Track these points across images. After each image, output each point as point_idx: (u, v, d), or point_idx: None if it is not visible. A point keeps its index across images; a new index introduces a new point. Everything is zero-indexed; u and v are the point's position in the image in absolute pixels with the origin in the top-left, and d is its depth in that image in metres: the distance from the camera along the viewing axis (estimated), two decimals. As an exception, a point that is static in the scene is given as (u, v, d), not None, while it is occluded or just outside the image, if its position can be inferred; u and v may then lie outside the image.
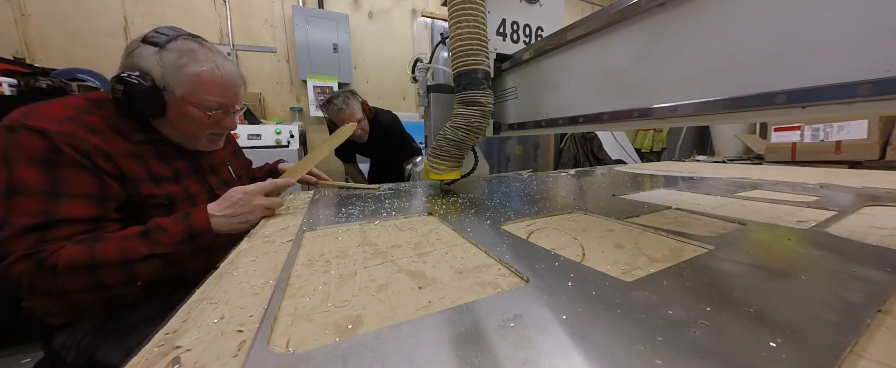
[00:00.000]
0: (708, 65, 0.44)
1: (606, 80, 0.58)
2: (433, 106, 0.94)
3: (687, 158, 3.32)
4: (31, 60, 1.97)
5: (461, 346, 0.24)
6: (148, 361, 0.24)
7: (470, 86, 0.73)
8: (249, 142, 1.91)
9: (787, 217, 0.60)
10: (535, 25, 0.96)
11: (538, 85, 0.75)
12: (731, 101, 0.42)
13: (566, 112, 0.67)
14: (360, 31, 2.93)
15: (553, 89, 0.70)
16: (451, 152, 0.80)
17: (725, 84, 0.43)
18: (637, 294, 0.31)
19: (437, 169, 0.83)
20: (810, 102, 0.36)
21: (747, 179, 1.11)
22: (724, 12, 0.42)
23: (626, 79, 0.55)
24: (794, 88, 0.37)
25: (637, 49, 0.52)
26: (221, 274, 0.40)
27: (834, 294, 0.30)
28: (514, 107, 0.82)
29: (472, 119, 0.75)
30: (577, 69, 0.64)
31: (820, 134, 2.17)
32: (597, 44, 0.59)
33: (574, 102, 0.65)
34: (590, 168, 1.92)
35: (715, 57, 0.44)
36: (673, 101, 0.49)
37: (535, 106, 0.76)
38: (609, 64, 0.57)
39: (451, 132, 0.78)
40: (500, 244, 0.46)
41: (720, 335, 0.25)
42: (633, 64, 0.53)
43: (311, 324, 0.28)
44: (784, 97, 0.37)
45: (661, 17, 0.49)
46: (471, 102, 0.74)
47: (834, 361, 0.22)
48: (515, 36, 0.93)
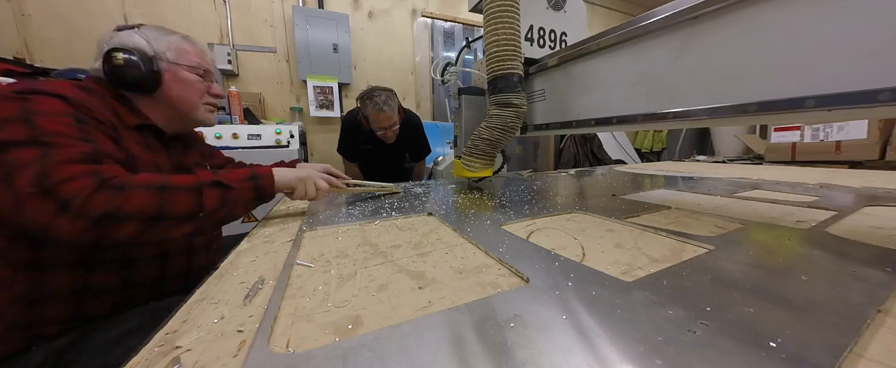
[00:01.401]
0: (740, 71, 0.48)
1: (640, 84, 0.61)
2: (464, 107, 0.98)
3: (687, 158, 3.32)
4: (31, 60, 1.96)
5: (461, 346, 0.24)
6: (148, 361, 0.24)
7: (506, 88, 0.77)
8: (249, 142, 1.91)
9: (787, 217, 0.60)
10: (560, 31, 1.00)
11: (567, 88, 0.78)
12: (764, 105, 0.45)
13: (598, 113, 0.70)
14: (360, 30, 2.93)
15: (584, 92, 0.74)
16: (486, 151, 0.84)
17: (758, 89, 0.46)
18: (637, 294, 0.31)
19: (472, 166, 0.87)
20: (836, 106, 0.39)
21: (747, 179, 1.11)
22: (753, 25, 0.46)
23: (659, 83, 0.58)
24: (821, 94, 0.41)
25: (671, 56, 0.55)
26: (221, 274, 0.40)
27: (834, 294, 0.30)
28: (541, 109, 0.86)
29: (507, 119, 0.79)
30: (610, 73, 0.67)
31: (820, 134, 2.17)
32: (630, 50, 0.62)
33: (606, 104, 0.68)
34: (590, 168, 1.92)
35: (747, 64, 0.47)
36: (706, 104, 0.52)
37: (564, 107, 0.80)
38: (643, 69, 0.60)
39: (487, 132, 0.82)
40: (500, 244, 0.46)
41: (720, 335, 0.25)
42: (665, 70, 0.57)
43: (311, 324, 0.28)
44: (813, 101, 0.41)
45: (695, 27, 0.52)
46: (506, 104, 0.78)
47: (834, 361, 0.22)
48: (542, 41, 0.97)
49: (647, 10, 0.57)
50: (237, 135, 1.89)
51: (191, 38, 0.75)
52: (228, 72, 2.39)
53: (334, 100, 2.73)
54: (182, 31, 0.74)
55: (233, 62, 2.35)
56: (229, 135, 1.87)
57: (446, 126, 2.97)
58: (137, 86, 0.67)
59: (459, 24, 3.30)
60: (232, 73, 2.45)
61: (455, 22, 3.27)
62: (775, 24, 0.44)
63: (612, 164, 2.86)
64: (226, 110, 2.14)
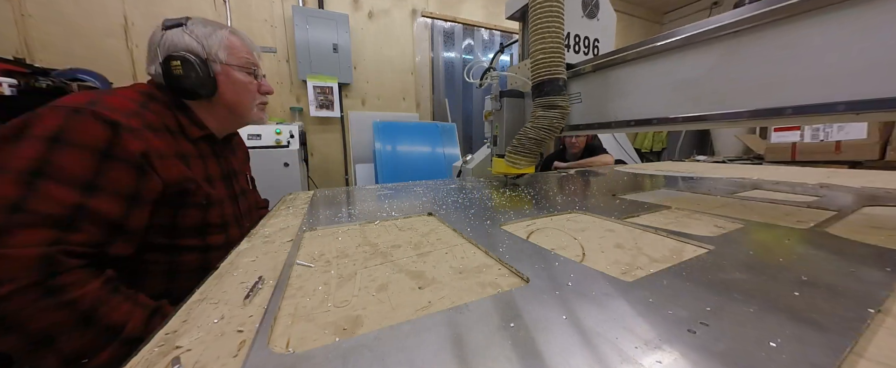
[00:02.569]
0: (776, 80, 0.53)
1: (681, 89, 0.67)
2: (506, 109, 1.06)
3: (687, 158, 3.32)
4: (31, 60, 1.96)
5: (461, 346, 0.24)
6: (148, 361, 0.24)
7: (552, 91, 0.83)
8: (250, 142, 1.91)
9: (787, 217, 0.60)
10: (593, 38, 1.07)
11: (604, 91, 0.83)
12: (799, 108, 0.51)
13: (638, 115, 0.77)
14: (360, 31, 2.93)
15: (622, 95, 0.79)
16: (532, 149, 0.91)
17: (794, 95, 0.52)
18: (637, 294, 0.31)
19: (518, 163, 0.93)
20: (864, 111, 0.45)
21: (747, 179, 1.11)
22: (788, 41, 0.51)
23: (700, 89, 0.64)
24: (851, 100, 0.46)
25: (713, 64, 0.61)
26: (221, 274, 0.40)
27: (833, 294, 0.30)
28: (577, 110, 0.93)
29: (553, 120, 0.86)
30: (650, 79, 0.73)
31: (820, 134, 2.17)
32: (672, 59, 0.68)
33: (646, 106, 0.75)
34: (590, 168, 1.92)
35: (784, 73, 0.52)
36: (745, 107, 0.57)
37: (601, 110, 0.86)
38: (685, 75, 0.66)
39: (534, 131, 0.88)
40: (500, 244, 0.46)
41: (720, 335, 0.25)
42: (706, 76, 0.62)
43: (311, 324, 0.28)
44: (843, 106, 0.46)
45: (736, 40, 0.57)
46: (553, 106, 0.85)
47: (834, 361, 0.22)
48: (577, 47, 1.04)
49: (662, 14, 0.62)
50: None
51: (236, 30, 0.73)
52: (228, 72, 2.38)
53: (334, 101, 2.73)
54: None
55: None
56: (229, 135, 1.87)
57: (447, 126, 2.97)
58: (195, 94, 0.66)
59: (459, 25, 3.30)
60: (232, 73, 2.45)
61: (455, 22, 3.27)
62: (809, 40, 0.49)
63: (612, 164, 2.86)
64: (226, 110, 2.14)
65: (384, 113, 3.10)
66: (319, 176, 2.91)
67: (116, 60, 2.19)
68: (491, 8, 3.46)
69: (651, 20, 4.65)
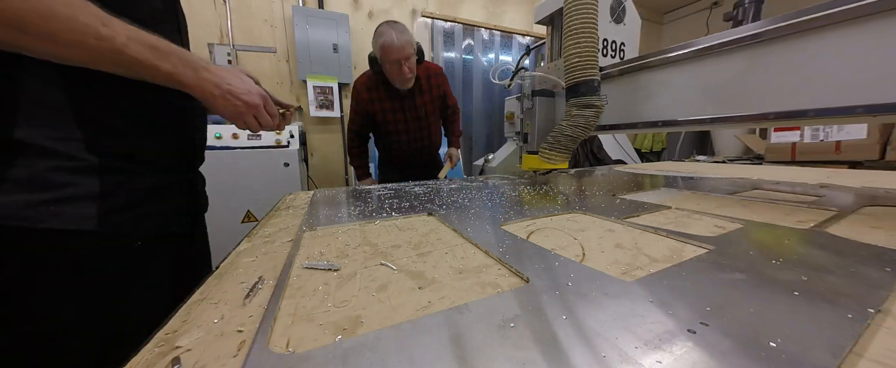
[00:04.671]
0: (799, 84, 0.59)
1: (708, 92, 0.73)
2: (538, 108, 1.12)
3: (687, 158, 3.32)
4: (31, 60, 1.96)
5: (461, 346, 0.24)
6: (148, 361, 0.24)
7: (588, 92, 0.88)
8: (249, 142, 1.91)
9: (787, 217, 0.60)
10: (620, 42, 1.12)
11: (632, 93, 0.91)
12: (821, 111, 0.56)
13: (665, 116, 0.83)
14: (360, 31, 2.93)
15: (649, 97, 0.87)
16: (567, 145, 0.96)
17: (815, 98, 0.57)
18: (637, 294, 0.31)
19: (553, 159, 0.99)
20: (880, 114, 0.50)
21: (747, 179, 1.11)
22: (810, 52, 0.57)
23: (726, 92, 0.69)
24: (868, 104, 0.52)
25: (738, 70, 0.67)
26: (221, 274, 0.40)
27: (834, 294, 0.30)
28: (606, 111, 0.97)
29: (589, 119, 0.90)
30: (678, 82, 0.80)
31: (820, 134, 2.17)
32: (699, 64, 0.74)
33: (673, 108, 0.82)
34: (590, 168, 1.92)
35: (806, 77, 0.58)
36: (770, 109, 0.63)
37: (629, 111, 0.93)
38: (711, 79, 0.72)
39: (570, 129, 0.93)
40: (500, 244, 0.46)
41: (720, 335, 0.25)
42: (734, 81, 0.68)
43: (311, 324, 0.28)
44: (861, 109, 0.52)
45: (760, 49, 0.63)
46: (588, 105, 0.89)
47: (834, 361, 0.22)
48: (605, 51, 1.09)
49: (662, 14, 0.69)
50: (237, 135, 1.89)
51: (393, 38, 1.34)
52: (228, 72, 2.38)
53: (334, 100, 2.73)
54: None
55: (233, 62, 2.35)
56: (229, 135, 1.87)
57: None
58: (378, 71, 1.50)
59: (459, 25, 3.29)
60: (232, 73, 2.45)
61: (455, 22, 3.26)
62: (829, 50, 0.55)
63: (612, 164, 2.86)
64: (226, 110, 2.14)
65: (384, 113, 3.10)
66: (319, 176, 2.91)
67: (116, 60, 2.19)
68: (491, 8, 3.46)
69: (652, 20, 4.64)
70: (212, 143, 1.82)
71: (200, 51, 2.35)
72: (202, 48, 2.35)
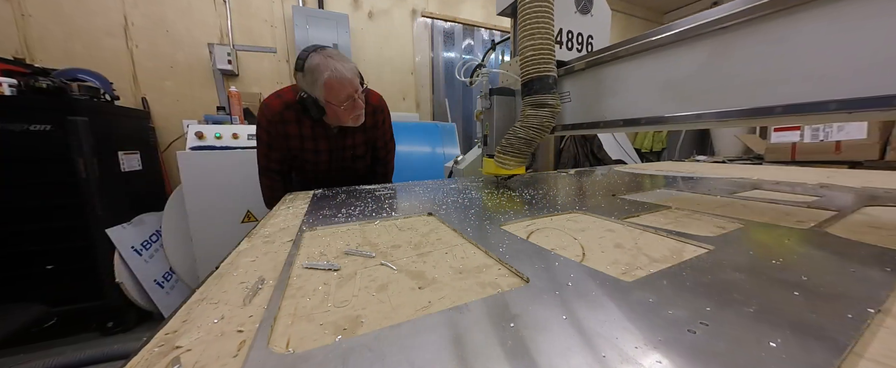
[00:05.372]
0: (766, 77, 0.51)
1: (669, 88, 0.65)
2: (496, 107, 1.02)
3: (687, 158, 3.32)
4: (31, 60, 1.96)
5: (461, 346, 0.24)
6: (148, 361, 0.24)
7: (542, 89, 0.80)
8: (249, 142, 1.91)
9: (787, 217, 0.60)
10: (587, 34, 1.03)
11: (594, 90, 0.82)
12: (790, 107, 0.49)
13: (626, 115, 0.74)
14: (360, 31, 2.93)
15: (611, 95, 0.77)
16: (521, 149, 0.87)
17: (784, 93, 0.50)
18: (637, 294, 0.31)
19: (507, 164, 0.90)
20: (857, 110, 0.43)
21: (747, 179, 1.11)
22: (777, 36, 0.49)
23: (687, 87, 0.62)
24: (843, 99, 0.44)
25: (700, 62, 0.59)
26: (221, 274, 0.40)
27: (834, 294, 0.30)
28: (568, 110, 0.90)
29: (543, 119, 0.82)
30: (638, 77, 0.70)
31: (820, 134, 2.17)
32: (659, 56, 0.66)
33: (634, 106, 0.72)
34: (590, 168, 1.92)
35: (773, 70, 0.50)
36: (734, 106, 0.55)
37: (591, 109, 0.83)
38: (672, 73, 0.64)
39: (523, 131, 0.85)
40: (500, 244, 0.46)
41: (720, 335, 0.25)
42: (695, 74, 0.60)
43: (311, 324, 0.28)
44: (835, 105, 0.45)
45: (723, 37, 0.55)
46: (542, 104, 0.81)
47: (834, 361, 0.22)
48: (570, 44, 1.00)
49: (662, 14, 0.62)
50: (237, 135, 1.89)
51: (338, 70, 1.03)
52: (228, 72, 2.39)
53: (334, 101, 2.73)
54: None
55: (233, 62, 2.35)
56: (229, 135, 1.87)
57: (447, 126, 2.96)
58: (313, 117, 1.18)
59: (459, 25, 3.30)
60: (232, 73, 2.45)
61: (455, 22, 3.26)
62: (798, 36, 0.47)
63: (612, 164, 2.86)
64: (226, 110, 2.14)
65: (384, 113, 3.11)
66: (319, 176, 2.92)
67: (116, 60, 2.19)
68: (491, 8, 3.46)
69: (651, 20, 4.64)
70: (212, 143, 1.82)
71: (200, 51, 2.36)
72: (202, 48, 2.35)
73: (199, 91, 2.41)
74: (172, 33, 2.28)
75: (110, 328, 1.73)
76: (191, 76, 2.38)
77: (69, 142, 1.56)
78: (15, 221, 1.53)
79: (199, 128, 1.81)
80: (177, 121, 2.37)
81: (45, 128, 1.53)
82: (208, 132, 1.82)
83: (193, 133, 1.79)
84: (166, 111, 2.34)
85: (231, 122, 2.02)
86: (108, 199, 1.70)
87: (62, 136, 1.55)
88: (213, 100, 2.39)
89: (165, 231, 1.94)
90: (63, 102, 1.57)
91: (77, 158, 1.57)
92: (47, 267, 1.60)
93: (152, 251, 1.90)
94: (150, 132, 2.24)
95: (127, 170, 1.90)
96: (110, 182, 1.75)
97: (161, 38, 2.26)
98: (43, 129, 1.53)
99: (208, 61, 2.36)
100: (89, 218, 1.64)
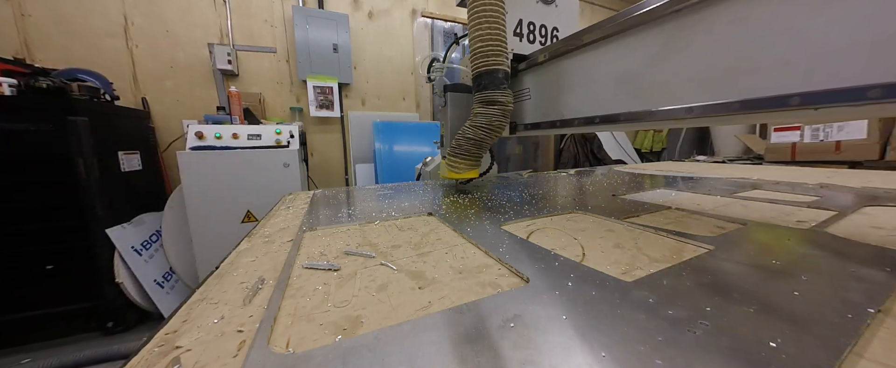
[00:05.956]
0: (724, 68, 0.45)
1: (624, 82, 0.59)
2: (450, 105, 0.94)
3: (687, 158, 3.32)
4: (31, 60, 1.96)
5: (461, 346, 0.24)
6: (148, 361, 0.24)
7: (490, 85, 0.73)
8: (249, 142, 1.91)
9: (787, 217, 0.60)
10: (551, 26, 0.95)
11: (554, 86, 0.75)
12: (748, 103, 0.44)
13: (581, 113, 0.68)
14: (360, 31, 2.93)
15: (569, 90, 0.71)
16: (471, 151, 0.80)
17: (741, 86, 0.44)
18: (637, 294, 0.31)
19: (457, 168, 0.83)
20: (822, 104, 0.37)
21: (747, 179, 1.11)
22: (739, 18, 0.43)
23: (642, 81, 0.56)
24: (807, 91, 0.38)
25: (654, 52, 0.53)
26: (221, 274, 0.40)
27: (834, 294, 0.30)
28: (530, 108, 0.83)
29: (492, 118, 0.75)
30: (593, 71, 0.64)
31: (820, 134, 2.17)
32: (613, 47, 0.60)
33: (590, 103, 0.66)
34: (590, 168, 1.92)
35: (731, 60, 0.45)
36: (689, 102, 0.50)
37: (550, 106, 0.76)
38: (625, 66, 0.58)
39: (472, 131, 0.78)
40: (501, 244, 0.46)
41: (720, 335, 0.25)
42: (649, 66, 0.54)
43: (311, 324, 0.28)
44: (798, 99, 0.39)
45: (679, 21, 0.49)
46: (491, 102, 0.75)
47: (834, 361, 0.22)
48: (531, 36, 0.92)
49: (637, 3, 0.55)
50: (237, 135, 1.89)
51: None
52: (228, 72, 2.39)
53: (334, 101, 2.73)
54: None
55: (233, 62, 2.35)
56: (229, 136, 1.87)
57: (446, 126, 2.96)
58: None
59: (460, 24, 3.30)
60: (232, 73, 2.45)
61: (455, 22, 3.27)
62: (758, 17, 0.41)
63: (612, 164, 2.86)
64: (226, 110, 2.14)
65: (384, 113, 3.10)
66: (319, 176, 2.91)
67: (116, 60, 2.18)
68: (491, 8, 3.46)
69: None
70: (212, 143, 1.82)
71: (200, 51, 2.36)
72: (202, 48, 2.35)
73: (199, 91, 2.41)
74: (172, 33, 2.28)
75: (110, 328, 1.73)
76: (191, 76, 2.38)
77: (69, 143, 1.56)
78: (15, 221, 1.53)
79: (199, 128, 1.81)
80: (177, 121, 2.37)
81: (45, 128, 1.54)
82: (208, 132, 1.82)
83: (193, 133, 1.79)
84: (166, 111, 2.34)
85: (231, 122, 2.02)
86: (108, 199, 1.70)
87: (62, 136, 1.55)
88: (213, 100, 2.40)
89: (165, 231, 1.95)
90: (63, 102, 1.57)
91: (77, 158, 1.58)
92: (47, 267, 1.60)
93: (152, 251, 1.90)
94: (150, 132, 2.24)
95: (127, 170, 1.90)
96: (110, 182, 1.75)
97: (161, 38, 2.26)
98: (43, 129, 1.53)
99: (208, 61, 2.36)
100: (89, 218, 1.64)
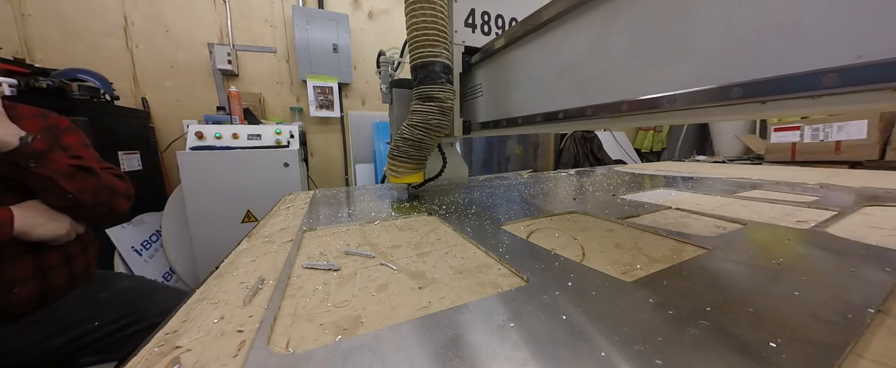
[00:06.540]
0: (658, 54, 0.38)
1: (562, 75, 0.53)
2: (396, 103, 0.83)
3: (687, 158, 3.32)
4: (31, 60, 1.96)
5: (461, 346, 0.24)
6: (148, 361, 0.24)
7: (426, 80, 0.66)
8: (249, 142, 1.91)
9: (787, 217, 0.60)
10: (509, 16, 0.85)
11: (503, 81, 0.68)
12: (673, 98, 0.37)
13: (524, 110, 0.62)
14: (360, 31, 2.93)
15: (515, 86, 0.64)
16: (410, 153, 0.71)
17: (678, 76, 0.37)
18: (637, 294, 0.31)
19: (397, 171, 0.74)
20: (769, 96, 0.29)
21: (747, 179, 1.11)
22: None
23: (580, 74, 0.50)
24: (748, 81, 0.30)
25: (590, 40, 0.47)
26: (221, 274, 0.40)
27: (834, 294, 0.30)
28: (483, 105, 0.76)
29: (429, 116, 0.67)
30: (535, 63, 0.58)
31: (820, 134, 2.17)
32: (554, 35, 0.54)
33: (533, 100, 0.59)
34: (590, 168, 1.92)
35: (664, 44, 0.37)
36: (632, 96, 0.42)
37: (498, 104, 0.69)
38: (565, 56, 0.52)
39: (408, 131, 0.70)
40: (500, 244, 0.46)
41: (720, 335, 0.25)
42: (586, 56, 0.48)
43: (311, 324, 0.28)
44: (739, 91, 0.31)
45: (614, 2, 0.43)
46: (428, 98, 0.66)
47: (834, 361, 0.22)
48: (486, 27, 0.83)
49: None
50: (237, 135, 1.89)
51: None
52: (228, 72, 2.39)
53: (334, 101, 2.73)
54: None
55: (233, 62, 2.35)
56: (229, 135, 1.87)
57: (446, 126, 2.96)
58: None
59: (459, 24, 3.30)
60: (232, 73, 2.45)
61: (455, 22, 3.27)
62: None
63: (612, 164, 2.86)
64: (226, 110, 2.14)
65: (384, 113, 3.10)
66: (319, 176, 2.91)
67: (116, 60, 2.18)
68: (491, 8, 3.46)
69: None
70: (212, 143, 1.82)
71: (200, 51, 2.36)
72: (202, 48, 2.35)
73: (199, 91, 2.41)
74: (172, 33, 2.28)
75: (110, 328, 1.73)
76: (191, 76, 2.38)
77: (69, 142, 1.56)
78: (15, 221, 1.53)
79: (199, 128, 1.81)
80: (177, 121, 2.37)
81: (45, 128, 1.53)
82: (208, 132, 1.82)
83: (193, 133, 1.79)
84: (166, 111, 2.34)
85: (231, 122, 2.01)
86: (108, 199, 1.70)
87: (62, 136, 1.55)
88: (213, 100, 2.40)
89: (165, 231, 1.95)
90: (63, 102, 1.57)
91: (77, 158, 1.57)
92: (47, 267, 1.60)
93: (152, 251, 1.90)
94: (150, 132, 2.24)
95: (127, 169, 1.90)
96: (110, 182, 1.75)
97: (161, 38, 2.26)
98: (43, 129, 1.53)
99: (208, 61, 2.35)
100: (89, 218, 1.64)
